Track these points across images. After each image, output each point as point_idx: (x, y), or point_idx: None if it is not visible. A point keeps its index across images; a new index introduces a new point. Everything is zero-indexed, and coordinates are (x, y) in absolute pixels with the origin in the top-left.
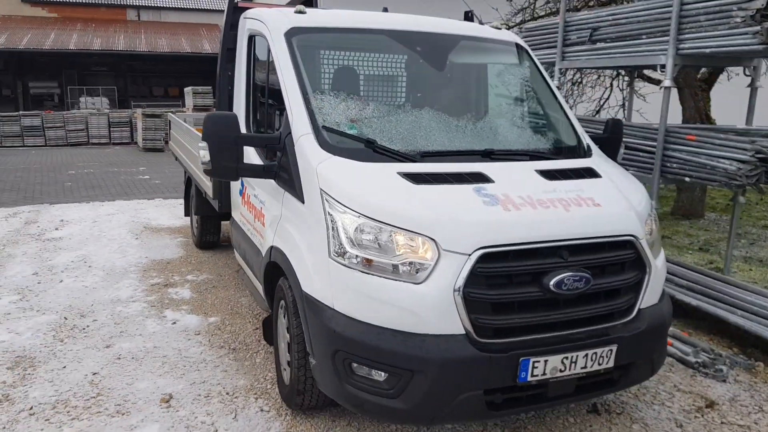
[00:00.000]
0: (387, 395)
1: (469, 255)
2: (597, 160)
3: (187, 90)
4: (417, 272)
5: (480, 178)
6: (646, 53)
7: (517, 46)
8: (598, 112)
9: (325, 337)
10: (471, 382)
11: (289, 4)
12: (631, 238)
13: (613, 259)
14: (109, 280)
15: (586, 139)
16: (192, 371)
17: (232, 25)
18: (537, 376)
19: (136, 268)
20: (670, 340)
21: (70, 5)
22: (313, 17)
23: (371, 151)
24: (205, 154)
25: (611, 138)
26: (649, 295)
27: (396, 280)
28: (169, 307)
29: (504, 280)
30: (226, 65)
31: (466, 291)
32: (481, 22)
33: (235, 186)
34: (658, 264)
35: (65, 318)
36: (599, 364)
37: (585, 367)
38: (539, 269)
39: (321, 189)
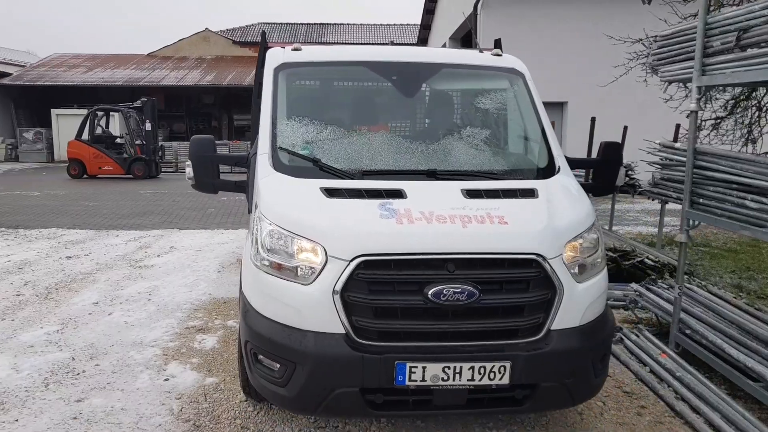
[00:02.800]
0: (278, 384)
1: (349, 261)
2: (553, 181)
3: None
4: (308, 275)
5: (395, 194)
6: None
7: (511, 70)
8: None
9: (243, 331)
10: (345, 379)
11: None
12: (536, 257)
13: (510, 277)
14: (153, 318)
15: (559, 162)
16: None
17: (262, 63)
18: (416, 381)
19: (189, 306)
20: None
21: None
22: (305, 53)
23: (314, 168)
24: (189, 171)
25: (606, 161)
26: (565, 317)
27: (291, 281)
28: (179, 359)
29: (385, 287)
30: (257, 99)
31: (345, 294)
32: (480, 50)
33: None
34: (581, 287)
35: (73, 359)
36: (490, 379)
37: (472, 379)
38: (422, 279)
39: (255, 201)
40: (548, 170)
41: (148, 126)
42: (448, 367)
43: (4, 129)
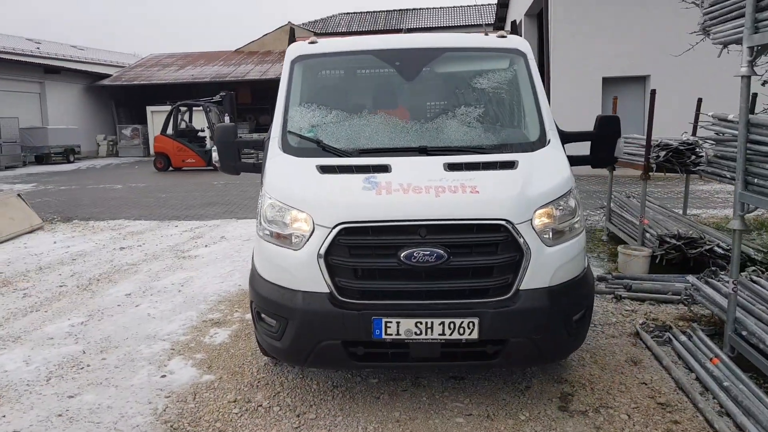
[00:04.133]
0: (275, 337)
1: (332, 228)
2: (539, 153)
3: None
4: (299, 242)
5: (382, 169)
6: None
7: (514, 51)
8: None
9: (250, 293)
10: (329, 333)
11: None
12: (503, 222)
13: (479, 240)
14: (176, 310)
15: (550, 135)
16: None
17: None
18: (391, 335)
19: (215, 298)
20: None
21: (346, 34)
22: (319, 46)
23: (317, 149)
24: (215, 155)
25: (602, 135)
26: (534, 278)
27: (286, 247)
28: (184, 354)
29: (363, 251)
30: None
31: (329, 257)
32: (486, 33)
33: None
34: (550, 250)
35: (83, 352)
36: (460, 334)
37: (443, 334)
38: (396, 243)
39: (262, 179)
40: (538, 143)
41: (227, 119)
42: (420, 322)
43: (106, 126)
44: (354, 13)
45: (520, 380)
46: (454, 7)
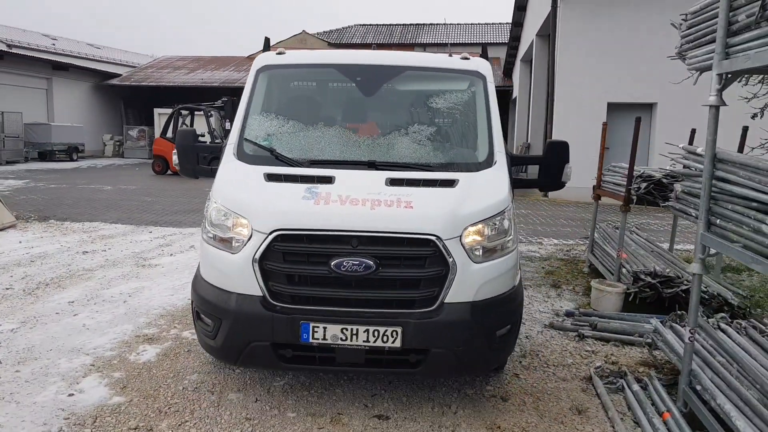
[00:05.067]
0: (210, 336)
1: (267, 234)
2: (482, 174)
3: None
4: (238, 246)
5: (325, 180)
6: None
7: (474, 73)
8: None
9: (192, 294)
10: (258, 334)
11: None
12: (432, 237)
13: (408, 253)
14: (113, 323)
15: (497, 157)
16: None
17: None
18: (318, 339)
19: (158, 311)
20: None
21: (360, 46)
22: (286, 57)
23: (270, 157)
24: (175, 159)
25: (550, 159)
26: (459, 292)
27: (225, 251)
28: (102, 372)
29: (297, 257)
30: None
31: (263, 262)
32: (450, 55)
33: None
34: (477, 266)
35: (0, 362)
36: (383, 342)
37: (367, 341)
38: (328, 252)
39: (213, 184)
40: (484, 164)
41: (227, 125)
42: (346, 329)
43: (114, 126)
44: (370, 25)
45: (449, 424)
46: (470, 24)
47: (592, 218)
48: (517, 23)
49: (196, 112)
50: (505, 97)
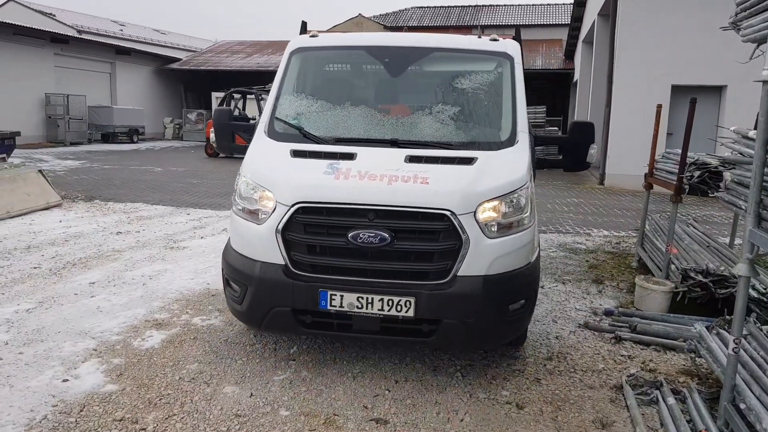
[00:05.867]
0: (237, 302)
1: (290, 206)
2: (502, 152)
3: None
4: (263, 217)
5: (347, 156)
6: None
7: (502, 54)
8: None
9: (222, 263)
10: (280, 300)
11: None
12: (446, 212)
13: (422, 227)
14: (128, 305)
15: (520, 137)
16: None
17: None
18: (336, 306)
19: (175, 295)
20: None
21: (417, 29)
22: (319, 40)
23: (298, 135)
24: (213, 136)
25: (574, 140)
26: (471, 265)
27: (252, 222)
28: (102, 357)
29: (317, 229)
30: None
31: (286, 233)
32: (479, 36)
33: None
34: (490, 241)
35: (6, 343)
36: (397, 311)
37: (382, 309)
38: (346, 224)
39: (244, 160)
40: (506, 143)
41: None
42: (362, 297)
43: (174, 110)
44: (427, 7)
45: None
46: (531, 5)
47: (642, 208)
48: (580, 2)
49: (248, 96)
50: (566, 80)
